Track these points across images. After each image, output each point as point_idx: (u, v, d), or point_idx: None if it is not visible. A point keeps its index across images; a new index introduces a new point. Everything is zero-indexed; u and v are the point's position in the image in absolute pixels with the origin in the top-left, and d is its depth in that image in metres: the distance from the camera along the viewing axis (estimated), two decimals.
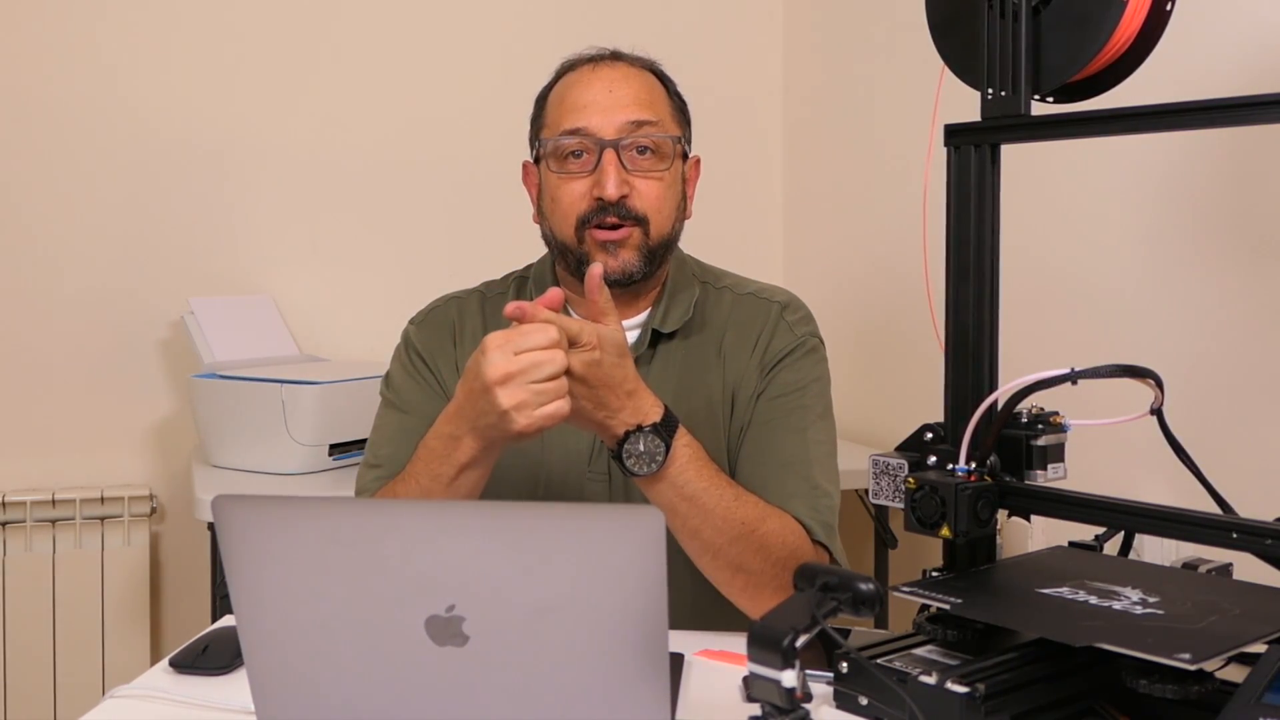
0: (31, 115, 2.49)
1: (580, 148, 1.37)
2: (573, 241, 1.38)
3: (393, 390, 1.46)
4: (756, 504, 1.28)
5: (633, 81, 1.40)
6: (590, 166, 1.36)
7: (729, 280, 1.49)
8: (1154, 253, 1.82)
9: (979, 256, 1.16)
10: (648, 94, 1.40)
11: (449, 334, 1.46)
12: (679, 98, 1.46)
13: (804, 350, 1.42)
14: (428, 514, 0.83)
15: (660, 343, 1.42)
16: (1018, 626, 1.00)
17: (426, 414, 1.41)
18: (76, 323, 2.53)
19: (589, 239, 1.37)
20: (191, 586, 2.60)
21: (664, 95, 1.43)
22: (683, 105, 1.47)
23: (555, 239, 1.41)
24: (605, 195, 1.34)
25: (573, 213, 1.37)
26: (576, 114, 1.37)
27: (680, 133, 1.43)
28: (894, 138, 2.51)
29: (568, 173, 1.37)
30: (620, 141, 1.36)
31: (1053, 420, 1.12)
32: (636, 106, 1.37)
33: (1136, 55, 1.14)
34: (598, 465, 1.38)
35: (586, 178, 1.36)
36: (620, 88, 1.38)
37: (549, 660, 0.79)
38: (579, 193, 1.37)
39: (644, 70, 1.43)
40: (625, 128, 1.36)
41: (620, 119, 1.36)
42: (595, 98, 1.37)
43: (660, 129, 1.38)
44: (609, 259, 1.36)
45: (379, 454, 1.41)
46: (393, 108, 2.72)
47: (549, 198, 1.41)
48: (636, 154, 1.37)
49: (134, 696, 1.07)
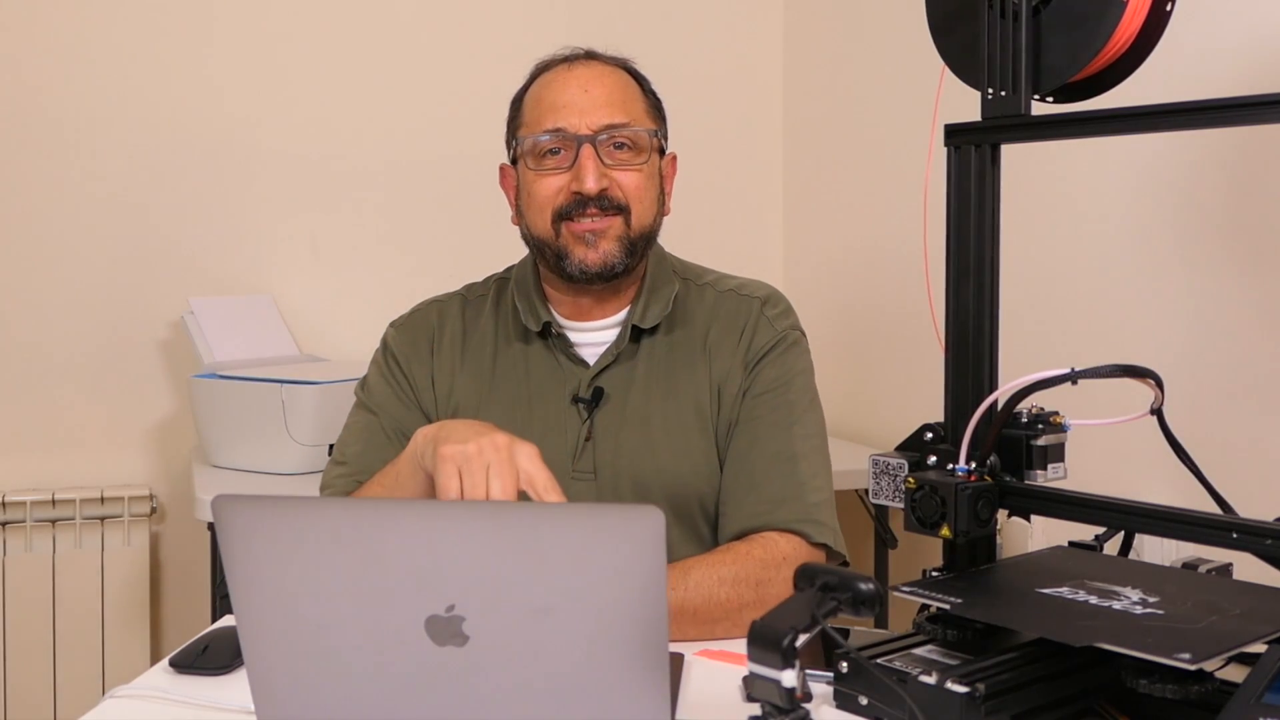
0: (31, 115, 2.49)
1: (558, 145, 1.38)
2: (550, 236, 1.38)
3: (366, 391, 1.47)
4: (709, 574, 1.24)
5: (607, 80, 1.41)
6: (567, 163, 1.37)
7: (710, 277, 1.50)
8: (1154, 253, 1.82)
9: (979, 256, 1.16)
10: (621, 93, 1.41)
11: (427, 340, 1.47)
12: (653, 95, 1.47)
13: (786, 345, 1.42)
14: (428, 514, 0.83)
15: (642, 339, 1.43)
16: (1018, 626, 1.00)
17: (395, 417, 1.42)
18: (76, 323, 2.53)
19: (565, 232, 1.37)
20: (191, 586, 2.60)
21: (638, 93, 1.44)
22: (658, 103, 1.48)
23: (533, 236, 1.42)
24: (585, 189, 1.35)
25: (549, 207, 1.38)
26: (554, 113, 1.38)
27: (656, 127, 1.43)
28: (894, 138, 2.51)
29: (545, 169, 1.38)
30: (596, 138, 1.37)
31: (1053, 420, 1.12)
32: (611, 107, 1.38)
33: (1136, 55, 1.14)
34: (583, 464, 1.39)
35: (564, 173, 1.37)
36: (595, 87, 1.39)
37: (549, 660, 0.79)
38: (555, 187, 1.38)
39: (618, 69, 1.44)
40: (601, 128, 1.37)
41: (595, 120, 1.37)
42: (571, 98, 1.38)
43: (636, 125, 1.39)
44: (588, 251, 1.37)
45: (345, 452, 1.42)
46: (393, 108, 2.72)
47: (526, 194, 1.41)
48: (614, 149, 1.38)
49: (134, 696, 1.07)
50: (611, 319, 1.43)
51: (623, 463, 1.38)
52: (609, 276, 1.38)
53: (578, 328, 1.43)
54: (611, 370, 1.40)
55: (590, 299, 1.43)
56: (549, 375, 1.41)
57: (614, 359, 1.40)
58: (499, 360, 1.44)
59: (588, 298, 1.43)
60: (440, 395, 1.43)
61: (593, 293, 1.42)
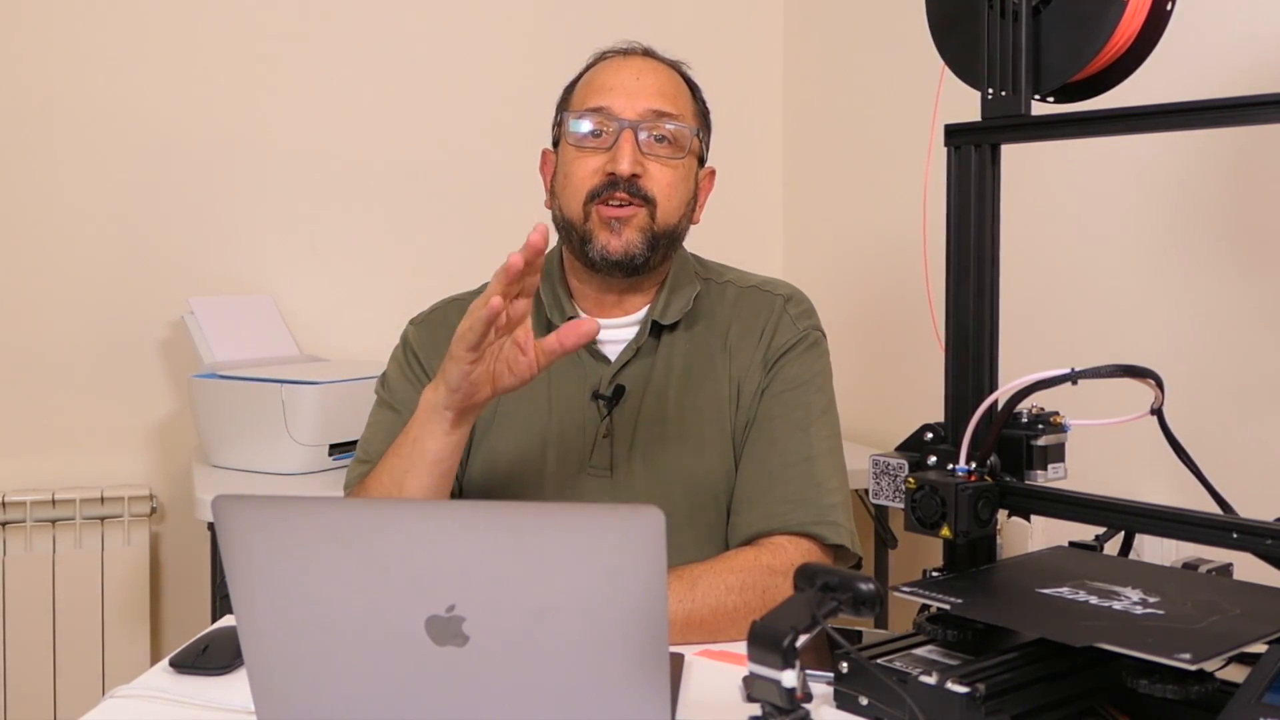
0: (32, 115, 2.49)
1: (600, 127, 1.39)
2: (579, 217, 1.39)
3: (387, 389, 1.47)
4: (716, 582, 1.24)
5: (660, 74, 1.43)
6: (608, 145, 1.38)
7: (731, 275, 1.50)
8: (1154, 253, 1.82)
9: (979, 256, 1.16)
10: (673, 88, 1.43)
11: (447, 336, 1.46)
12: (703, 104, 1.49)
13: (806, 344, 1.42)
14: (428, 514, 0.83)
15: (662, 335, 1.43)
16: (1018, 626, 1.00)
17: None
18: (76, 323, 2.53)
19: (595, 215, 1.38)
20: (191, 586, 2.60)
21: (689, 95, 1.46)
22: (706, 112, 1.49)
23: (563, 216, 1.42)
24: (619, 170, 1.36)
25: (583, 187, 1.38)
26: (602, 94, 1.40)
27: (699, 129, 1.45)
28: (894, 138, 2.51)
29: (585, 148, 1.39)
30: (639, 124, 1.37)
31: (1053, 420, 1.12)
32: (660, 97, 1.40)
33: (1136, 55, 1.14)
34: (599, 460, 1.38)
35: (602, 154, 1.38)
36: (648, 77, 1.41)
37: (549, 660, 0.79)
38: (592, 168, 1.38)
39: (673, 69, 1.47)
40: (647, 114, 1.38)
41: (643, 105, 1.38)
42: (622, 82, 1.40)
43: (681, 121, 1.40)
44: (612, 237, 1.37)
45: (370, 451, 1.42)
46: (393, 108, 2.72)
47: (562, 174, 1.42)
48: (654, 140, 1.39)
49: (134, 696, 1.07)
50: (633, 315, 1.44)
51: (638, 460, 1.38)
52: (629, 267, 1.38)
53: (600, 323, 1.43)
54: (631, 366, 1.41)
55: (614, 295, 1.43)
56: (570, 370, 1.41)
57: (634, 355, 1.40)
58: None
59: (611, 293, 1.43)
60: None
61: (616, 288, 1.42)
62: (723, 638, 1.22)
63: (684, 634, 1.21)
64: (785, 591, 1.26)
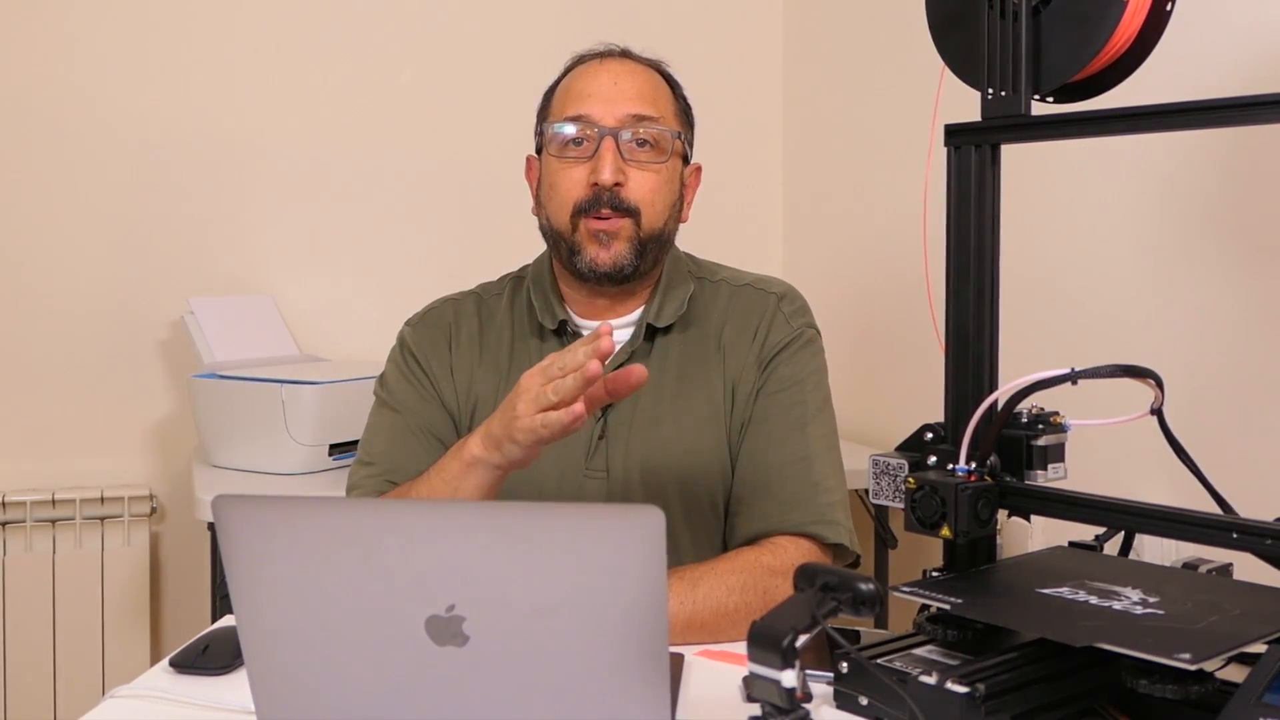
0: (31, 116, 2.49)
1: (581, 135, 1.38)
2: (567, 230, 1.39)
3: (387, 390, 1.46)
4: (717, 583, 1.24)
5: (638, 77, 1.42)
6: (589, 154, 1.37)
7: (725, 273, 1.50)
8: (1154, 253, 1.82)
9: (979, 256, 1.16)
10: (652, 91, 1.42)
11: (444, 336, 1.47)
12: (684, 101, 1.48)
13: (801, 343, 1.42)
14: (428, 514, 0.83)
15: (656, 337, 1.43)
16: (1018, 626, 1.00)
17: (420, 414, 1.42)
18: (77, 323, 2.53)
19: (582, 228, 1.38)
20: (191, 586, 2.60)
21: (669, 95, 1.45)
22: (687, 109, 1.48)
23: (551, 227, 1.42)
24: (601, 180, 1.35)
25: (569, 199, 1.38)
26: (580, 101, 1.39)
27: (681, 130, 1.44)
28: (894, 138, 2.51)
29: (567, 158, 1.39)
30: (620, 131, 1.37)
31: (1053, 420, 1.12)
32: (639, 101, 1.39)
33: (1136, 55, 1.14)
34: (595, 463, 1.38)
35: (585, 164, 1.38)
36: (625, 81, 1.40)
37: (549, 660, 0.79)
38: (576, 179, 1.38)
39: (651, 69, 1.45)
40: (626, 120, 1.38)
41: (622, 110, 1.38)
42: (600, 88, 1.39)
43: (662, 124, 1.40)
44: (600, 250, 1.37)
45: (372, 452, 1.42)
46: (393, 108, 2.72)
47: (547, 185, 1.42)
48: (635, 146, 1.38)
49: (134, 696, 1.07)
50: (627, 318, 1.44)
51: (635, 462, 1.38)
52: (618, 278, 1.39)
53: (593, 326, 1.43)
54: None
55: (606, 299, 1.43)
56: None
57: (629, 358, 1.40)
58: (515, 356, 1.44)
59: (603, 298, 1.43)
60: (460, 388, 1.44)
61: (608, 293, 1.42)
62: (724, 638, 1.22)
63: (685, 634, 1.21)
64: (786, 592, 1.25)
